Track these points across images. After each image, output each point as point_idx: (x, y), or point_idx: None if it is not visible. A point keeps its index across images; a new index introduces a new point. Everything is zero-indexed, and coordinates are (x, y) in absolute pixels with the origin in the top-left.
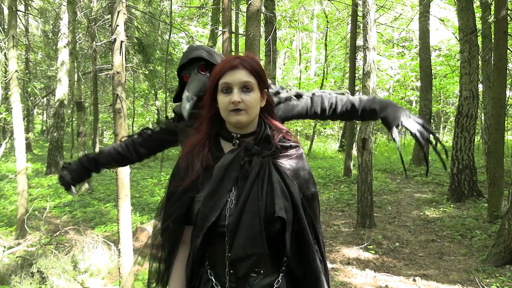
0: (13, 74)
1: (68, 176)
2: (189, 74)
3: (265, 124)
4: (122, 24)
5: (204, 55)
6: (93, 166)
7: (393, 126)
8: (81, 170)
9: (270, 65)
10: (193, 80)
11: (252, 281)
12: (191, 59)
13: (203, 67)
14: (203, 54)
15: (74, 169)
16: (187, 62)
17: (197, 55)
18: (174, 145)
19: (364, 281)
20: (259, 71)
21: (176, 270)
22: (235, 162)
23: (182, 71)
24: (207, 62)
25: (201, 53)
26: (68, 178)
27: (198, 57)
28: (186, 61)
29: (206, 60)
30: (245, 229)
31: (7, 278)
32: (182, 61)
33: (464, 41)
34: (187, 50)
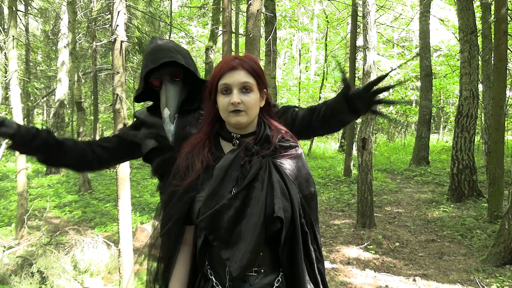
0: (13, 74)
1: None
2: (160, 81)
3: (264, 124)
4: (122, 24)
5: (179, 59)
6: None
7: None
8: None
9: (270, 65)
10: (169, 91)
11: (252, 280)
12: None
13: (178, 72)
14: (178, 59)
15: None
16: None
17: (171, 60)
18: (135, 157)
19: (364, 281)
20: (258, 72)
21: (176, 271)
22: (236, 162)
23: (151, 75)
24: (183, 68)
25: (175, 57)
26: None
27: (171, 61)
28: (155, 66)
29: (181, 66)
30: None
31: (7, 278)
32: (152, 64)
33: (464, 41)
34: (155, 48)
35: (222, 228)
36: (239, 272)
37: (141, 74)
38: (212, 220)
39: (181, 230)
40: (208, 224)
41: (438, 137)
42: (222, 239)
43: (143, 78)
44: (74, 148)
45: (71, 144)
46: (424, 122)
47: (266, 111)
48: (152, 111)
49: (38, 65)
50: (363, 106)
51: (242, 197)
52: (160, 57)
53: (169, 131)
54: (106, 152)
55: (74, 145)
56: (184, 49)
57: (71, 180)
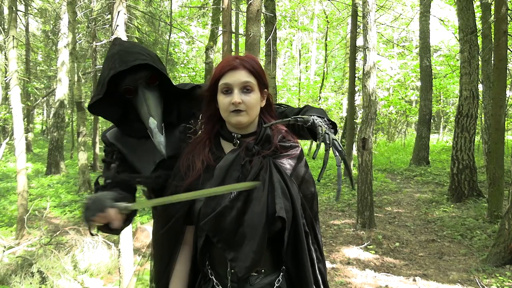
0: (13, 74)
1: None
2: (132, 87)
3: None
4: (122, 24)
5: (155, 63)
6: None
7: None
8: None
9: (270, 65)
10: (148, 98)
11: (253, 280)
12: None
13: (155, 77)
14: (154, 62)
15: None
16: (128, 69)
17: (144, 62)
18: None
19: (364, 281)
20: (259, 71)
21: (177, 270)
22: (236, 162)
23: (120, 81)
24: (156, 72)
25: (149, 60)
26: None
27: (146, 64)
28: (126, 68)
29: (154, 69)
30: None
31: (7, 278)
32: (120, 67)
33: (464, 41)
34: (122, 50)
35: (225, 230)
36: (244, 272)
37: (100, 78)
38: (216, 222)
39: (181, 230)
40: (212, 226)
41: (438, 137)
42: (226, 241)
43: (106, 83)
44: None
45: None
46: (424, 122)
47: (267, 111)
48: (124, 129)
49: (38, 65)
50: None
51: (243, 198)
52: (130, 60)
53: (160, 143)
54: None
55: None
56: (153, 52)
57: (71, 180)
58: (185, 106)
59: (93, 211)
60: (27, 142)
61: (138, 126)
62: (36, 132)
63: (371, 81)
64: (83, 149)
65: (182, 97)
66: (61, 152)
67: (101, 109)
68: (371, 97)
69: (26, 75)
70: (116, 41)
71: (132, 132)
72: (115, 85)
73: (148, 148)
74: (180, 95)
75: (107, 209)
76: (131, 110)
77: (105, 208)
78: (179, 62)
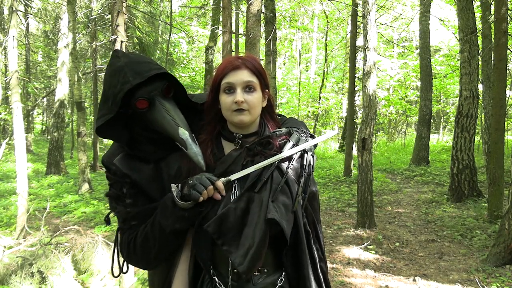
0: (13, 74)
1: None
2: (147, 99)
3: (266, 125)
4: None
5: (166, 71)
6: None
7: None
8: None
9: (270, 65)
10: (169, 109)
11: (255, 280)
12: (150, 77)
13: (170, 88)
14: (164, 70)
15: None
16: (144, 81)
17: (159, 72)
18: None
19: (364, 281)
20: (261, 71)
21: (179, 270)
22: (237, 162)
23: (135, 93)
24: (171, 82)
25: (162, 69)
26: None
27: (160, 75)
28: (143, 80)
29: (170, 79)
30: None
31: (7, 278)
32: (135, 79)
33: (464, 41)
34: (130, 61)
35: (230, 231)
36: (247, 272)
37: (107, 95)
38: (220, 224)
39: (188, 231)
40: (216, 228)
41: (438, 137)
42: (231, 243)
43: (119, 99)
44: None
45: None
46: (424, 122)
47: (268, 111)
48: (132, 150)
49: (38, 65)
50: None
51: (246, 199)
52: (144, 70)
53: (197, 154)
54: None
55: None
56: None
57: (71, 180)
58: (192, 121)
59: (201, 186)
60: (27, 142)
61: (149, 149)
62: (36, 132)
63: (371, 81)
64: (83, 149)
65: (192, 111)
66: (61, 152)
67: (110, 131)
68: (371, 97)
69: (26, 75)
70: (118, 53)
71: (147, 155)
72: (124, 101)
73: (162, 172)
74: (190, 109)
75: (216, 181)
76: (138, 129)
77: (214, 181)
78: (179, 62)
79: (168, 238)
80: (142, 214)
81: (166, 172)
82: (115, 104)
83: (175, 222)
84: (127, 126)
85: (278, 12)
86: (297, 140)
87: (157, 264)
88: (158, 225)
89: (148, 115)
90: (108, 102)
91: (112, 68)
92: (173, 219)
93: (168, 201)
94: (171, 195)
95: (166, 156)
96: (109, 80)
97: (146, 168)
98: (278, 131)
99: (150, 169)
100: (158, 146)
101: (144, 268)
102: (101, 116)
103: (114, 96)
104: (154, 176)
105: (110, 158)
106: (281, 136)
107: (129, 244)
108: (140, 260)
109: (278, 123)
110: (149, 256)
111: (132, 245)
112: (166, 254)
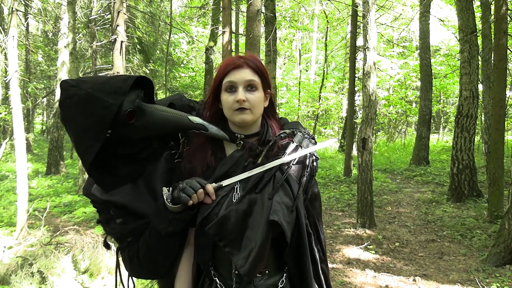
0: (13, 74)
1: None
2: (133, 109)
3: (268, 125)
4: (122, 24)
5: (137, 77)
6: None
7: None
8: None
9: (270, 65)
10: (162, 108)
11: (257, 282)
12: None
13: (146, 93)
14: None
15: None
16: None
17: (135, 78)
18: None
19: (364, 281)
20: (263, 71)
21: (181, 271)
22: (239, 163)
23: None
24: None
25: (132, 75)
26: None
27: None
28: (124, 97)
29: (147, 84)
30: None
31: (7, 278)
32: (115, 100)
33: (464, 41)
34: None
35: (231, 233)
36: (249, 274)
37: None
38: (221, 226)
39: (187, 233)
40: (218, 230)
41: (438, 137)
42: (233, 244)
43: (107, 125)
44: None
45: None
46: (424, 122)
47: (270, 111)
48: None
49: (38, 65)
50: None
51: (247, 200)
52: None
53: (219, 130)
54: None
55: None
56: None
57: (71, 180)
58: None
59: (191, 189)
60: (27, 142)
61: (125, 171)
62: (36, 132)
63: (371, 81)
64: None
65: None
66: (61, 152)
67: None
68: (371, 97)
69: (27, 75)
70: (70, 83)
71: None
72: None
73: (140, 187)
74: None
75: (206, 185)
76: (115, 149)
77: (204, 184)
78: (179, 62)
79: (167, 241)
80: (136, 229)
81: (145, 186)
82: (102, 131)
83: (168, 225)
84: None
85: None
86: (300, 141)
87: (166, 271)
88: (155, 231)
89: (138, 124)
90: (89, 133)
91: (76, 98)
92: (166, 223)
93: (160, 205)
94: (162, 199)
95: (142, 172)
96: (80, 110)
97: (125, 189)
98: (282, 133)
99: (128, 188)
100: (133, 164)
101: (153, 278)
102: (86, 149)
103: (98, 124)
104: (135, 194)
105: (88, 189)
106: (285, 138)
107: (132, 259)
108: (148, 271)
109: (280, 123)
110: (155, 265)
111: (136, 259)
112: (171, 258)
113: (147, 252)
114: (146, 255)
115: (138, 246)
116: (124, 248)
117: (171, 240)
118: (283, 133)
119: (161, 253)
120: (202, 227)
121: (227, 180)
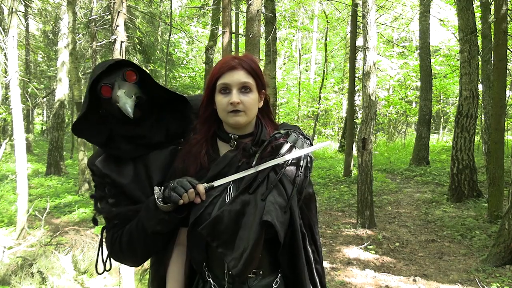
0: (13, 75)
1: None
2: (110, 85)
3: (262, 125)
4: (122, 24)
5: (132, 62)
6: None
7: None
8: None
9: (270, 65)
10: (123, 85)
11: (251, 282)
12: (111, 65)
13: (132, 73)
14: (125, 60)
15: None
16: (105, 70)
17: (118, 60)
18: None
19: (364, 281)
20: (258, 72)
21: (173, 272)
22: (233, 164)
23: (99, 82)
24: (136, 69)
25: (124, 60)
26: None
27: (121, 63)
28: (104, 69)
29: (134, 66)
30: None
31: (7, 278)
32: (98, 71)
33: (464, 41)
34: (99, 63)
35: (224, 234)
36: (241, 274)
37: (85, 96)
38: (214, 227)
39: (174, 231)
40: (210, 231)
41: (438, 137)
42: (226, 245)
43: (87, 92)
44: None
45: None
46: (424, 122)
47: (265, 112)
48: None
49: (38, 65)
50: None
51: (240, 201)
52: (108, 63)
53: (125, 103)
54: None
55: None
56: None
57: (71, 180)
58: (175, 125)
59: (182, 188)
60: (27, 142)
61: (127, 148)
62: (36, 132)
63: (371, 81)
64: (83, 149)
65: (172, 113)
66: (61, 152)
67: (86, 131)
68: (371, 97)
69: (27, 75)
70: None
71: (121, 153)
72: (93, 96)
73: (140, 172)
74: (168, 108)
75: (197, 185)
76: (116, 127)
77: (195, 184)
78: (179, 62)
79: (151, 239)
80: (123, 214)
81: (144, 172)
82: (86, 100)
83: (156, 224)
84: (105, 126)
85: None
86: (294, 141)
87: (143, 262)
88: (141, 226)
89: (111, 102)
90: (84, 100)
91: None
92: (154, 221)
93: (150, 203)
94: (153, 197)
95: (143, 155)
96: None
97: (127, 170)
98: (277, 133)
99: (130, 170)
100: (136, 144)
101: (131, 266)
102: (78, 115)
103: (86, 93)
104: (134, 177)
105: (92, 160)
106: (279, 139)
107: (114, 242)
108: (126, 258)
109: (275, 124)
110: (135, 255)
111: (118, 243)
112: (151, 253)
113: (129, 241)
114: (128, 245)
115: (123, 232)
116: (109, 228)
117: (155, 238)
118: (278, 133)
119: (142, 247)
120: (195, 227)
121: (219, 180)
